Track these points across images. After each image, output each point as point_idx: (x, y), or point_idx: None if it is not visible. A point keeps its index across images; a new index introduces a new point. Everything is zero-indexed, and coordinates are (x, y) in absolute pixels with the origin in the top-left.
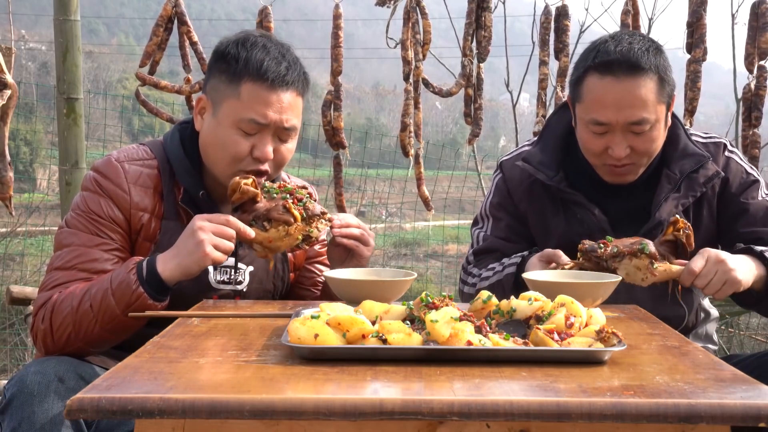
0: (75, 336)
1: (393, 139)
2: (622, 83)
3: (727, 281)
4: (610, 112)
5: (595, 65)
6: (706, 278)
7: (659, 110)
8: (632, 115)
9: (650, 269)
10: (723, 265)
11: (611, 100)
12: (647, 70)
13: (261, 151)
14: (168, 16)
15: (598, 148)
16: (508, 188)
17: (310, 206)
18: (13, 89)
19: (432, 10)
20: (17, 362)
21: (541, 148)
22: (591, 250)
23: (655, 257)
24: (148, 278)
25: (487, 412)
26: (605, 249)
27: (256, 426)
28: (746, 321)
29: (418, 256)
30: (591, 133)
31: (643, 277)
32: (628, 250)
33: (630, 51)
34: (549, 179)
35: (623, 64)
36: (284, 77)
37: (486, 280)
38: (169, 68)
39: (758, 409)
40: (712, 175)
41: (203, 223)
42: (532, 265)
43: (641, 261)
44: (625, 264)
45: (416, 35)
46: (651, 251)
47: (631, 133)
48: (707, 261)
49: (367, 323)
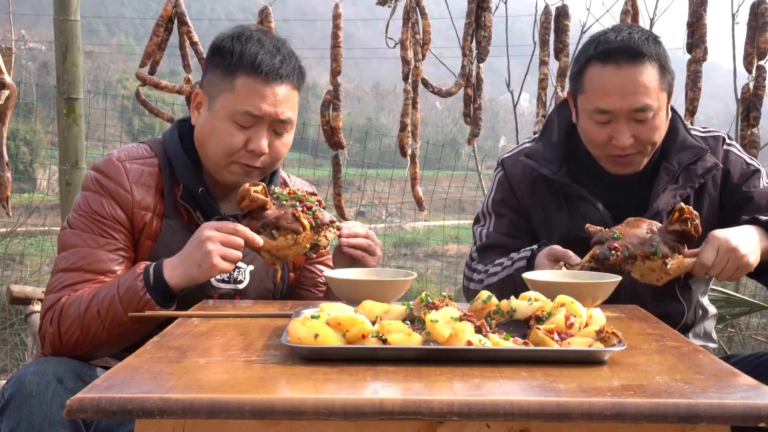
0: (83, 340)
1: (393, 139)
2: (625, 70)
3: (740, 267)
4: (614, 100)
5: (597, 54)
6: (719, 268)
7: (661, 98)
8: (636, 101)
9: (664, 269)
10: (734, 253)
11: (614, 87)
12: (648, 57)
13: (256, 144)
14: (168, 16)
15: (602, 139)
16: (510, 184)
17: (320, 215)
18: (11, 90)
19: (432, 10)
20: (17, 362)
21: (543, 144)
22: (603, 258)
23: (667, 256)
24: (155, 285)
25: (487, 412)
26: (617, 255)
27: (256, 426)
28: (746, 321)
29: (418, 256)
30: (594, 123)
31: (658, 278)
32: (641, 253)
33: (630, 39)
34: (553, 174)
35: (625, 51)
36: (278, 70)
37: (494, 275)
38: (169, 68)
39: (758, 409)
40: (711, 166)
41: (211, 232)
42: (540, 264)
43: (654, 263)
44: (638, 266)
45: (416, 35)
46: (663, 252)
47: (634, 121)
48: (718, 251)
49: (367, 323)
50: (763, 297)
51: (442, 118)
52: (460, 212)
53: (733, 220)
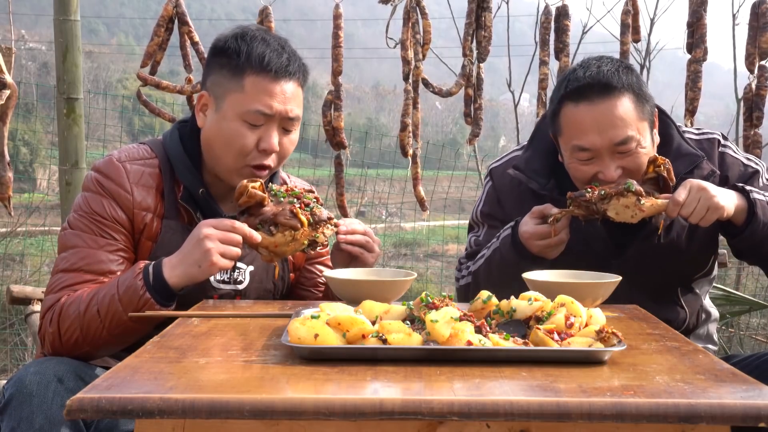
0: (83, 340)
1: (393, 139)
2: (598, 106)
3: (710, 207)
4: (592, 137)
5: (568, 94)
6: (690, 207)
7: (641, 127)
8: (615, 136)
9: (638, 206)
10: (705, 192)
11: (590, 124)
12: (620, 89)
13: (267, 142)
14: (169, 16)
15: (587, 176)
16: (498, 197)
17: (317, 212)
18: (12, 89)
19: (432, 10)
20: (17, 362)
21: (531, 155)
22: (579, 195)
23: (641, 194)
24: (155, 284)
25: (487, 412)
26: (593, 193)
27: (256, 426)
28: (746, 321)
29: (418, 256)
30: (578, 161)
31: (632, 214)
32: (615, 190)
33: (599, 73)
34: (542, 188)
35: (594, 86)
36: (287, 68)
37: (481, 258)
38: (169, 68)
39: (758, 409)
40: (707, 174)
41: (209, 230)
42: (525, 224)
43: (628, 199)
44: (613, 204)
45: (416, 35)
46: (636, 188)
47: (618, 154)
48: (690, 190)
49: (367, 323)
50: (764, 296)
51: (442, 118)
52: (460, 212)
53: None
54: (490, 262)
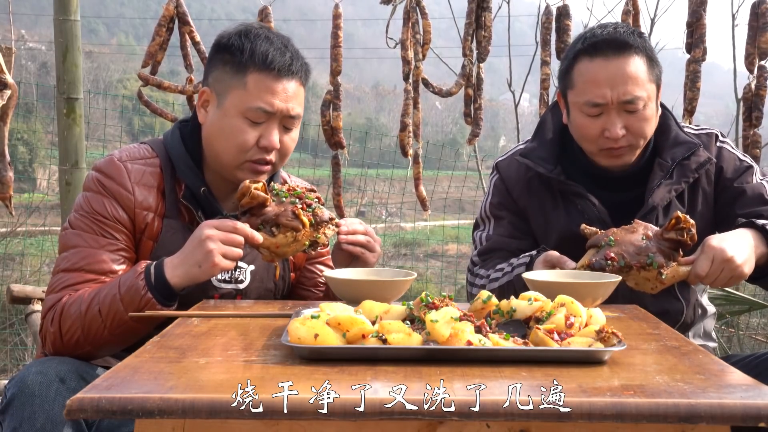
0: (84, 340)
1: (393, 139)
2: (613, 62)
3: (734, 276)
4: (604, 91)
5: (585, 48)
6: (713, 278)
7: (650, 89)
8: (625, 92)
9: (659, 279)
10: (730, 264)
11: (604, 79)
12: (635, 48)
13: (268, 140)
14: (170, 16)
15: (594, 132)
16: (506, 186)
17: (319, 212)
18: (12, 89)
19: (432, 10)
20: (17, 362)
21: (537, 143)
22: (599, 268)
23: (663, 266)
24: (156, 284)
25: (487, 412)
26: (613, 265)
27: (256, 426)
28: (746, 321)
29: (418, 256)
30: (586, 116)
31: (653, 286)
32: (636, 263)
33: (616, 33)
34: (548, 172)
35: (611, 43)
36: (290, 67)
37: (495, 281)
38: (169, 68)
39: (758, 409)
40: (704, 161)
41: (211, 231)
42: (536, 269)
43: (650, 273)
44: (633, 275)
45: (416, 35)
46: (659, 262)
47: (625, 112)
48: (713, 261)
49: (367, 323)
50: (763, 296)
51: (442, 118)
52: (460, 212)
53: (727, 216)
54: (503, 293)
